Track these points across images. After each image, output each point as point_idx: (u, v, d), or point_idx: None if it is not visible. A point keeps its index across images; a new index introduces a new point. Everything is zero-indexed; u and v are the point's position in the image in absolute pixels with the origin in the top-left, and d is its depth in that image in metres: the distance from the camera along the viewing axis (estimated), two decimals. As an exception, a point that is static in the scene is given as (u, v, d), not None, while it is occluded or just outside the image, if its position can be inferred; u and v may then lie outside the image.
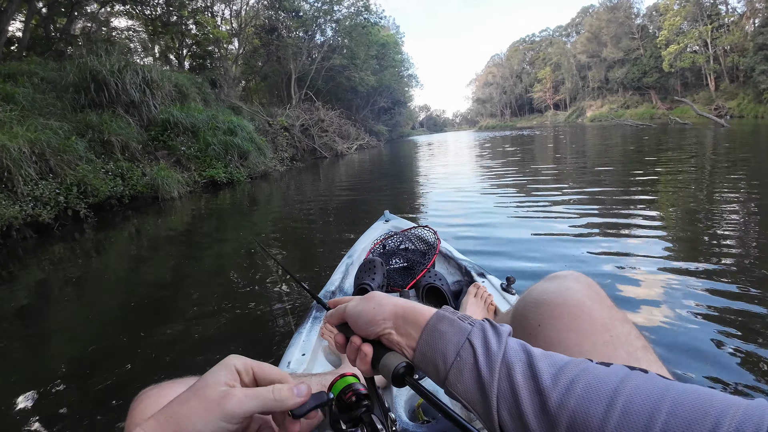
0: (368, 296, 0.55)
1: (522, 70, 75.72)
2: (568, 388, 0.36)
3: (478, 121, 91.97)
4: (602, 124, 35.09)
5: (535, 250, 3.14)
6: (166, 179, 7.32)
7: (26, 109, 6.55)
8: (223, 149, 9.37)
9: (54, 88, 7.67)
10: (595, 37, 49.03)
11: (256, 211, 6.69)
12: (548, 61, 64.13)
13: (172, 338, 2.26)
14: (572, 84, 57.16)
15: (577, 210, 4.32)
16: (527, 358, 0.41)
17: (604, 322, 0.59)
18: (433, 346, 0.46)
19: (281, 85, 23.16)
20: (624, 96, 45.62)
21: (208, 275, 3.45)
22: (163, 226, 5.95)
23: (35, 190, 5.50)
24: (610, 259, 2.81)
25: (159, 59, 17.89)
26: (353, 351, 0.54)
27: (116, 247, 5.00)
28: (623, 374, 0.37)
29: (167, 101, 9.46)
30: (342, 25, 23.96)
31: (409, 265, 1.84)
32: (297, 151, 15.99)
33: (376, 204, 6.09)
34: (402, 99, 42.36)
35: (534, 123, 62.74)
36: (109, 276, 3.82)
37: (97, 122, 7.29)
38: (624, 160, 8.14)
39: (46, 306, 3.10)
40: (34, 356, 2.24)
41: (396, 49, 37.61)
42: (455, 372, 0.43)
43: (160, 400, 0.60)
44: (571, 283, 0.65)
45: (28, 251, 4.84)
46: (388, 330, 0.50)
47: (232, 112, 13.63)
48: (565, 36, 63.74)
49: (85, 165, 6.38)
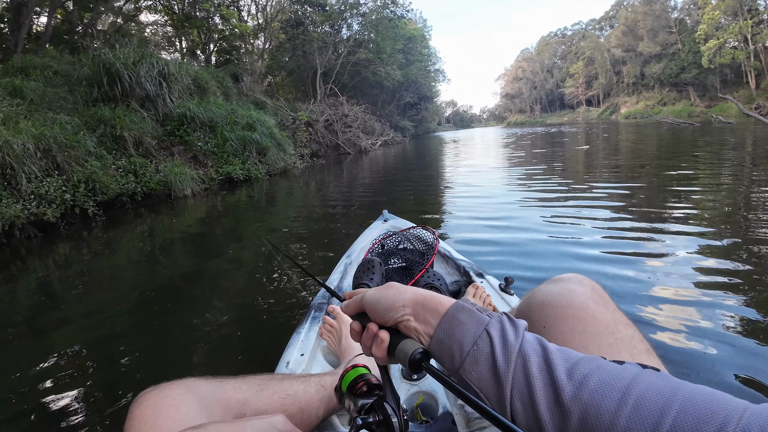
0: (387, 285, 0.57)
1: (553, 65, 74.23)
2: (582, 383, 0.38)
3: (506, 117, 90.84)
4: (637, 121, 33.18)
5: (555, 253, 2.99)
6: (180, 176, 7.02)
7: (35, 104, 6.33)
8: (241, 145, 9.01)
9: (67, 81, 7.46)
10: (630, 30, 47.21)
11: (272, 210, 6.31)
12: (581, 55, 62.36)
13: (177, 337, 2.26)
14: (606, 79, 55.23)
15: (607, 214, 4.00)
16: (543, 352, 0.42)
17: (609, 325, 0.59)
18: (451, 334, 0.47)
19: (307, 80, 23.05)
20: (660, 92, 43.73)
21: (217, 275, 3.33)
22: (175, 224, 5.68)
23: (40, 187, 5.25)
24: (635, 262, 2.66)
25: (186, 55, 17.90)
26: (369, 338, 0.55)
27: (125, 246, 4.76)
28: (636, 371, 0.38)
29: (185, 95, 9.18)
30: (368, 18, 23.58)
31: (408, 265, 1.84)
32: (320, 147, 15.63)
33: (400, 204, 5.69)
34: (428, 94, 41.70)
35: (565, 119, 61.26)
36: (115, 276, 3.67)
37: (110, 116, 7.01)
38: (671, 164, 7.27)
39: (47, 307, 2.99)
40: (35, 357, 2.13)
41: (423, 43, 36.96)
42: (471, 360, 0.45)
43: (160, 401, 0.61)
44: (575, 286, 0.65)
45: (32, 251, 4.64)
46: (407, 316, 0.52)
47: (256, 107, 13.40)
48: (598, 30, 61.81)
49: (95, 161, 6.12)
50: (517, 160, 10.16)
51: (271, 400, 0.78)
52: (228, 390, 0.73)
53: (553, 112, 74.06)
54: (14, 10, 9.10)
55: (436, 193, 6.56)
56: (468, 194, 5.90)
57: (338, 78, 23.35)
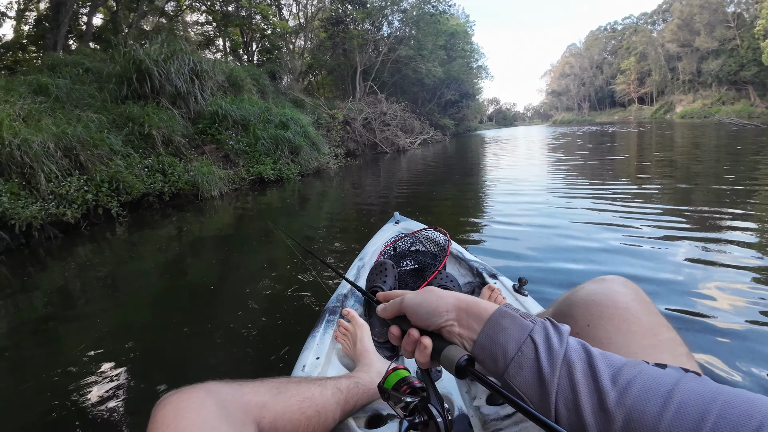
0: (427, 289, 0.58)
1: (603, 61, 70.90)
2: (626, 388, 0.39)
3: (552, 115, 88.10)
4: (694, 121, 30.29)
5: (602, 260, 2.79)
6: (208, 176, 6.73)
7: (60, 101, 6.19)
8: (273, 144, 8.66)
9: (98, 79, 7.35)
10: (686, 24, 44.08)
11: (302, 212, 5.93)
12: (632, 50, 58.91)
13: (197, 340, 2.26)
14: (660, 76, 51.79)
15: (652, 220, 3.62)
16: (587, 358, 0.44)
17: (651, 327, 0.60)
18: (495, 340, 0.48)
19: (347, 79, 22.86)
20: (718, 91, 40.54)
21: (239, 279, 3.27)
22: (201, 226, 5.46)
23: (60, 187, 5.06)
24: (679, 272, 2.48)
25: (228, 54, 18.03)
26: (411, 343, 0.55)
27: (148, 247, 4.59)
28: (678, 376, 0.39)
29: (218, 93, 8.94)
30: (409, 14, 23.08)
31: (421, 266, 1.82)
32: (357, 146, 15.22)
33: (439, 208, 5.22)
34: (470, 91, 40.62)
35: (616, 118, 58.21)
36: (136, 278, 3.60)
37: (139, 114, 6.82)
38: (730, 170, 6.24)
39: (66, 308, 2.98)
40: (56, 360, 2.17)
41: (465, 39, 36.05)
42: (515, 366, 0.46)
43: (181, 405, 0.62)
44: (618, 287, 0.66)
45: (52, 252, 4.50)
46: (451, 322, 0.52)
47: (294, 105, 13.15)
48: (650, 24, 58.37)
49: (120, 160, 5.91)
50: (562, 162, 9.27)
51: (289, 403, 0.77)
52: (247, 393, 0.72)
53: (602, 110, 70.81)
54: (53, 8, 9.19)
55: (475, 197, 5.95)
56: (506, 200, 5.24)
57: (378, 76, 23.06)
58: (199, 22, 16.33)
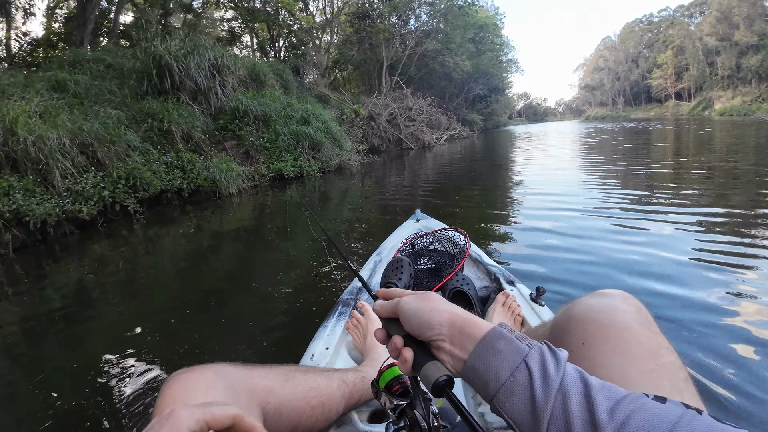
0: (424, 296, 0.55)
1: (638, 54, 68.42)
2: (624, 424, 0.37)
3: (585, 111, 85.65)
4: (734, 119, 28.05)
5: (612, 268, 2.66)
6: (227, 173, 6.61)
7: (79, 97, 6.16)
8: (293, 140, 8.47)
9: (119, 75, 7.32)
10: (725, 17, 41.95)
11: (323, 209, 5.73)
12: (669, 44, 56.50)
13: (211, 327, 2.32)
14: (698, 71, 49.36)
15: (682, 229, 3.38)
16: (584, 389, 0.41)
17: (652, 349, 0.57)
18: (486, 362, 0.46)
19: (373, 74, 22.60)
20: (759, 87, 38.48)
21: (257, 271, 3.28)
22: (219, 223, 5.39)
23: (76, 184, 5.01)
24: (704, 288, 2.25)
25: (255, 50, 18.06)
26: (394, 350, 0.54)
27: (165, 244, 4.56)
28: (679, 413, 0.37)
29: (240, 88, 8.83)
30: (437, 8, 22.58)
31: (437, 266, 1.79)
32: (382, 142, 14.94)
33: (461, 208, 4.96)
34: (500, 86, 39.68)
35: (652, 114, 55.85)
36: (150, 273, 3.62)
37: (158, 110, 6.74)
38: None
39: (80, 305, 2.95)
40: (72, 354, 2.21)
41: (495, 32, 35.11)
42: (506, 391, 0.43)
43: (190, 384, 0.62)
44: (619, 303, 0.62)
45: (68, 248, 4.50)
46: (442, 337, 0.50)
47: (318, 101, 12.98)
48: (687, 17, 55.85)
49: (138, 156, 5.84)
50: (596, 164, 8.57)
51: (295, 391, 0.78)
52: (255, 377, 0.73)
53: (638, 105, 68.07)
54: (80, 5, 9.28)
55: (500, 199, 5.56)
56: (533, 204, 4.85)
57: (404, 70, 22.72)
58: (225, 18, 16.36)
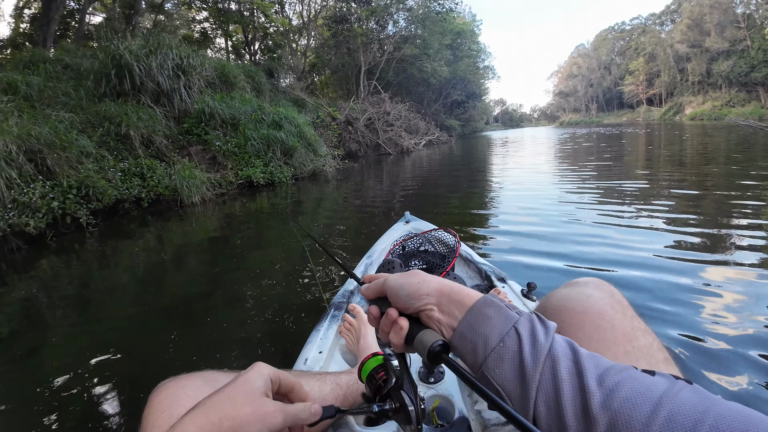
0: (411, 272, 0.54)
1: (611, 61, 70.44)
2: (613, 391, 0.37)
3: (559, 117, 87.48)
4: (704, 123, 29.64)
5: (592, 258, 2.86)
6: (189, 180, 6.24)
7: (31, 100, 5.72)
8: (264, 145, 8.13)
9: (77, 76, 6.87)
10: (696, 24, 43.47)
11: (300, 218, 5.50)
12: (641, 51, 58.38)
13: (196, 337, 2.26)
14: (669, 77, 51.11)
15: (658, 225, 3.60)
16: (574, 356, 0.41)
17: (626, 333, 0.57)
18: (476, 329, 0.46)
19: (351, 78, 22.33)
20: (729, 92, 40.03)
21: (237, 279, 3.17)
22: (183, 234, 5.05)
23: (22, 195, 4.61)
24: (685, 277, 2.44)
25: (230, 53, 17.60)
26: (388, 324, 0.53)
27: (123, 258, 4.24)
28: (669, 383, 0.37)
29: (207, 90, 8.43)
30: (414, 13, 22.55)
31: (429, 267, 1.79)
32: (360, 147, 14.69)
33: (445, 211, 4.88)
34: (477, 92, 39.96)
35: (624, 119, 57.55)
36: (109, 290, 3.38)
37: (115, 113, 6.34)
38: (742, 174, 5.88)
39: (30, 326, 2.74)
40: (31, 374, 2.09)
41: (472, 38, 35.46)
42: (495, 357, 0.43)
43: (178, 392, 0.61)
44: (592, 290, 0.63)
45: (15, 265, 4.13)
46: (430, 306, 0.50)
47: (294, 104, 12.64)
48: (658, 24, 57.72)
49: (91, 164, 5.43)
50: (571, 165, 8.80)
51: None
52: None
53: (610, 111, 70.09)
54: (44, 5, 8.76)
55: (483, 201, 5.50)
56: (516, 204, 4.91)
57: (383, 75, 22.58)
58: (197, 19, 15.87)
